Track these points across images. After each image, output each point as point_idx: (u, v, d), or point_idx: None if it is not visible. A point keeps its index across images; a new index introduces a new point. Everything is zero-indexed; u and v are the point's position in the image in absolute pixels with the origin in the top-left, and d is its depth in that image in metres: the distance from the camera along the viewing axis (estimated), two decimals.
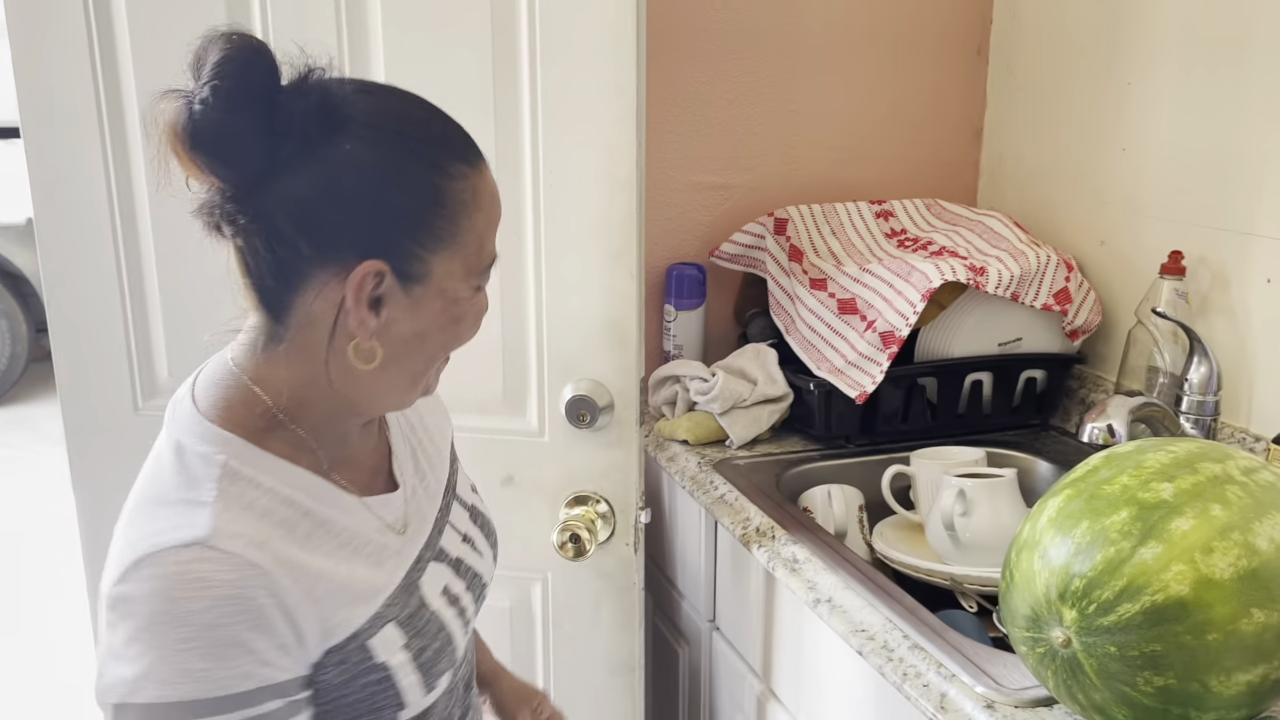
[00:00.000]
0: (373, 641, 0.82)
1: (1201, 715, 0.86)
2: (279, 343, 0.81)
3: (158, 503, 0.78)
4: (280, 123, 0.74)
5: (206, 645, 0.72)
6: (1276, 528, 0.87)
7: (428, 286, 0.80)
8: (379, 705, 0.84)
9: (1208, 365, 1.44)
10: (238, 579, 0.74)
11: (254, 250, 0.77)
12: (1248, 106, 1.48)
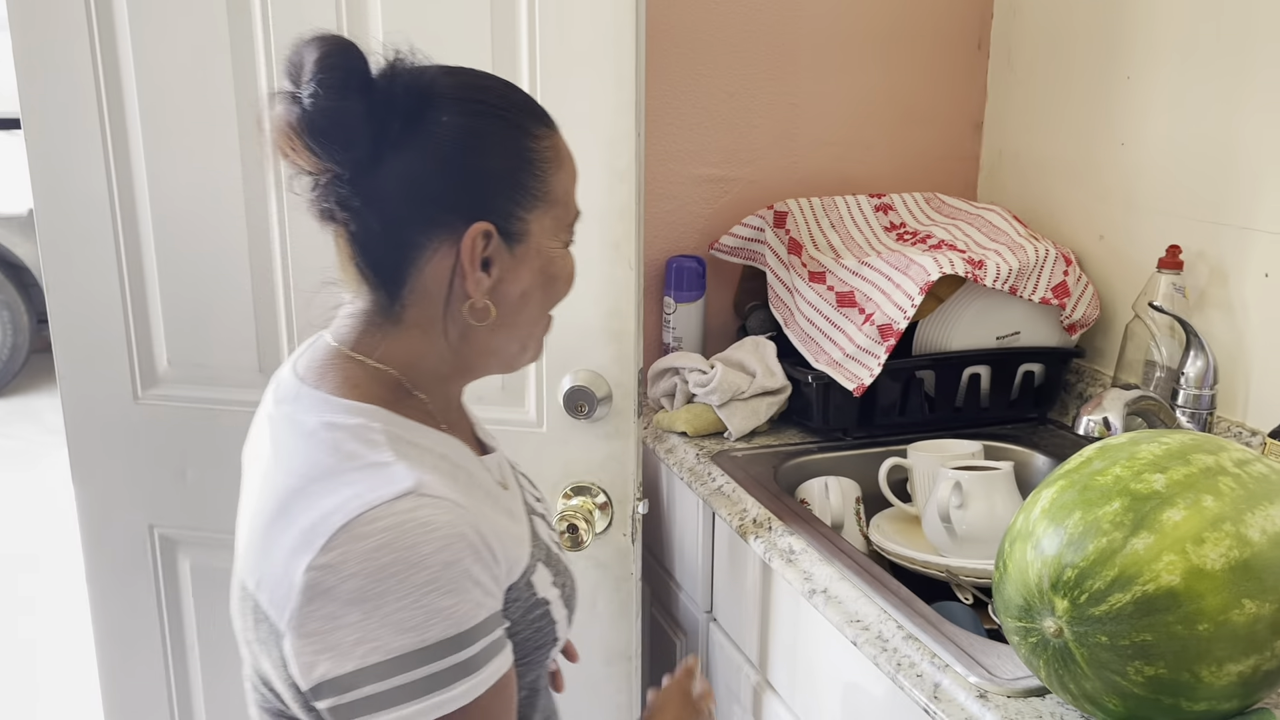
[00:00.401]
0: (534, 579, 0.88)
1: (1193, 705, 0.87)
2: (393, 320, 0.86)
3: (331, 477, 0.79)
4: (381, 105, 0.80)
5: (448, 583, 0.75)
6: (1269, 519, 0.87)
7: (528, 245, 0.86)
8: (541, 642, 0.90)
9: (1204, 359, 1.45)
10: (455, 519, 0.77)
11: (368, 231, 0.82)
12: (1247, 101, 1.48)
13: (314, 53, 0.79)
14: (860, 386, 1.61)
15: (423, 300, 0.85)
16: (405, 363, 0.86)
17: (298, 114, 0.78)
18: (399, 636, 0.74)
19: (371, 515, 0.75)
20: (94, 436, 1.55)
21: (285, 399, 0.87)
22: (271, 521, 0.80)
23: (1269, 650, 0.85)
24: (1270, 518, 0.87)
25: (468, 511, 0.79)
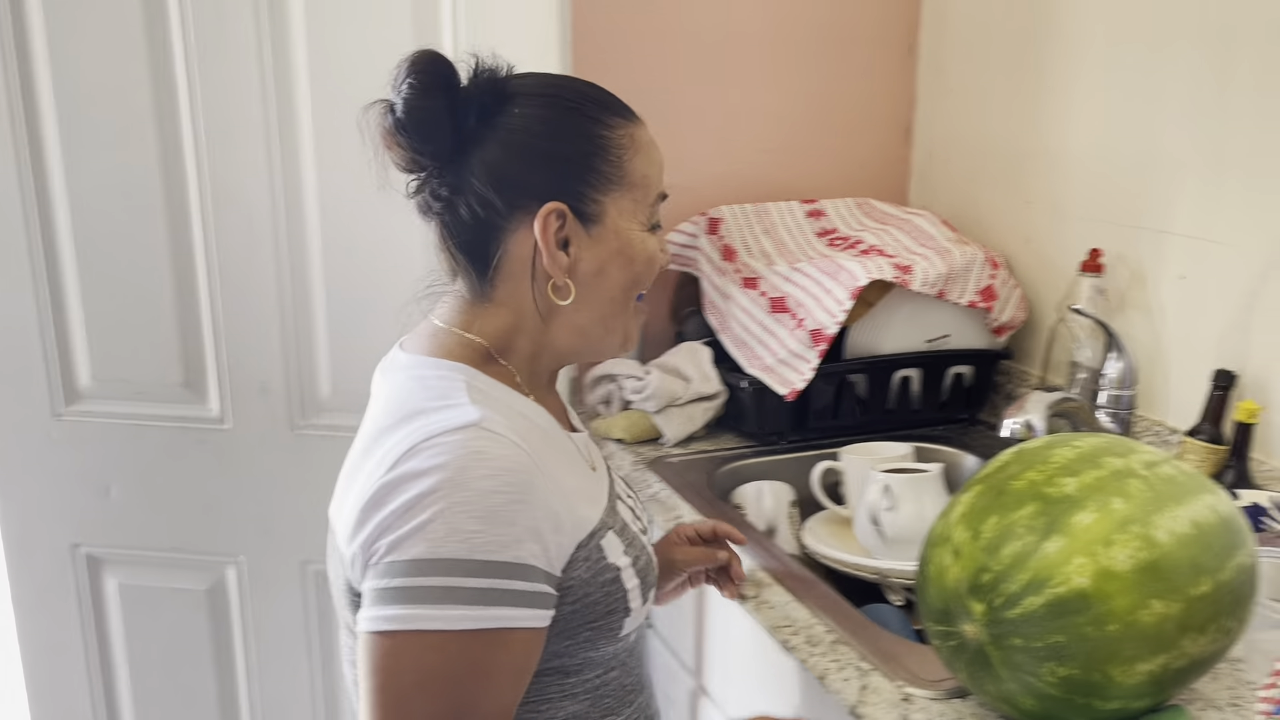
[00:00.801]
0: (604, 542, 0.91)
1: (1105, 705, 0.89)
2: (485, 299, 0.93)
3: (413, 415, 0.85)
4: (461, 103, 0.88)
5: (480, 510, 0.79)
6: (1175, 520, 0.89)
7: (604, 225, 0.91)
8: (612, 607, 0.91)
9: (1124, 360, 1.48)
10: (511, 455, 0.82)
11: (457, 219, 0.90)
12: (1162, 109, 1.52)
13: (408, 64, 0.88)
14: (793, 391, 1.62)
15: (510, 280, 0.91)
16: (495, 336, 0.92)
17: (391, 115, 0.88)
18: (418, 543, 0.78)
19: (434, 440, 0.81)
20: (14, 455, 1.52)
21: (388, 368, 0.95)
22: (360, 459, 0.88)
23: (1177, 649, 0.87)
24: (1177, 519, 0.89)
25: (527, 455, 0.83)
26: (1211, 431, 1.41)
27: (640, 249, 0.94)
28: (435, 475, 0.79)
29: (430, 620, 0.78)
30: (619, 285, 0.93)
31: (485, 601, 0.79)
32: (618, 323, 0.96)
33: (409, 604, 0.78)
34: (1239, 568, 0.91)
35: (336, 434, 1.47)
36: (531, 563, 0.81)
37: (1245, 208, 1.41)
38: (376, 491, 0.81)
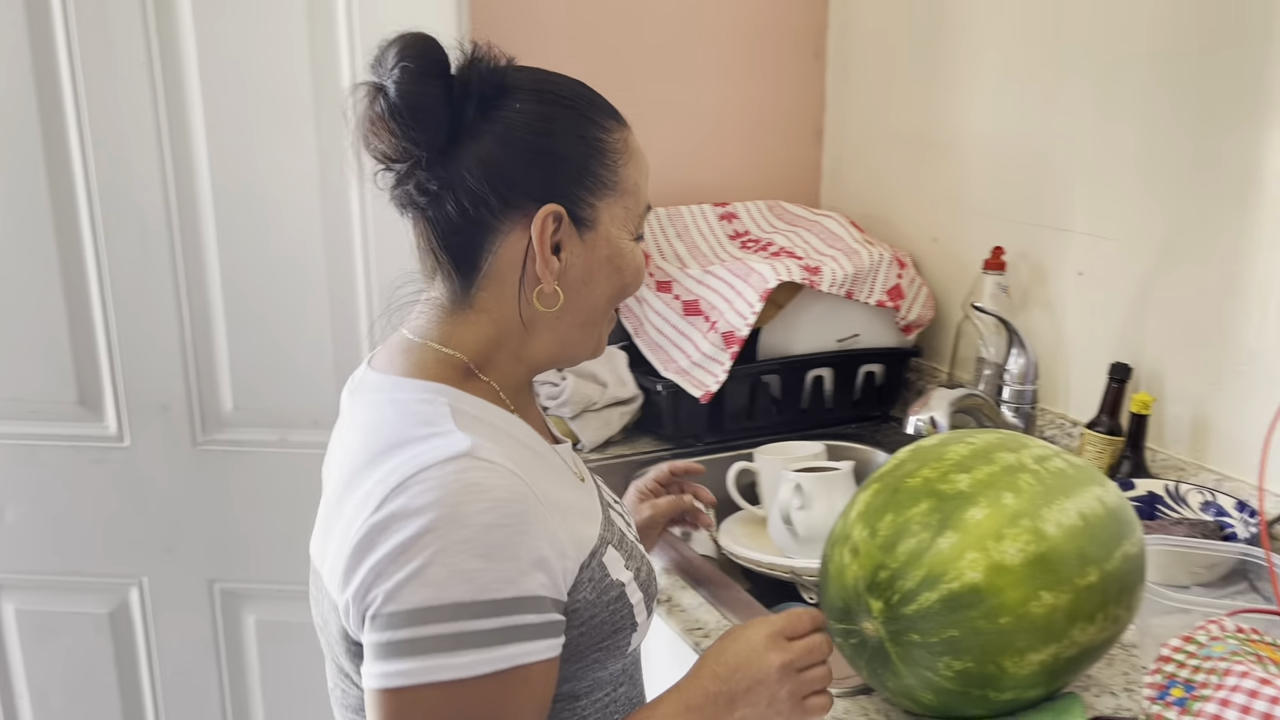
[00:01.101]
0: (606, 559, 0.87)
1: (1000, 695, 0.91)
2: (466, 306, 0.87)
3: (396, 446, 0.79)
4: (458, 92, 0.83)
5: (483, 546, 0.74)
6: (1064, 513, 0.91)
7: (597, 232, 0.87)
8: (619, 625, 0.87)
9: (1025, 356, 1.51)
10: (508, 484, 0.77)
11: (444, 215, 0.84)
12: (1058, 110, 1.56)
13: (397, 45, 0.82)
14: (707, 394, 1.63)
15: (495, 285, 0.86)
16: (475, 349, 0.87)
17: (382, 99, 0.81)
18: (419, 590, 0.73)
19: (423, 475, 0.76)
20: None
21: (358, 389, 0.89)
22: (340, 496, 0.81)
23: (1067, 638, 0.89)
24: (1065, 511, 0.91)
25: (523, 482, 0.78)
26: (1109, 423, 1.45)
27: (630, 259, 0.90)
28: (428, 514, 0.74)
29: (442, 670, 0.73)
30: (604, 295, 0.89)
31: (498, 641, 0.74)
32: (596, 332, 0.92)
33: (417, 656, 0.73)
34: (1125, 557, 0.93)
35: (241, 449, 1.44)
36: (540, 593, 0.77)
37: (1135, 206, 1.45)
38: (365, 534, 0.75)
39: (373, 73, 0.83)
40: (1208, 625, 0.85)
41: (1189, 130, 1.36)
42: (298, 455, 1.42)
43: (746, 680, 0.85)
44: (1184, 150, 1.37)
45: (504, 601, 0.74)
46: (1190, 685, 0.78)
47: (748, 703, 0.85)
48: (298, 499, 1.43)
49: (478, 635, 0.74)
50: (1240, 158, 1.30)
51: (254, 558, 1.47)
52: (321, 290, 1.35)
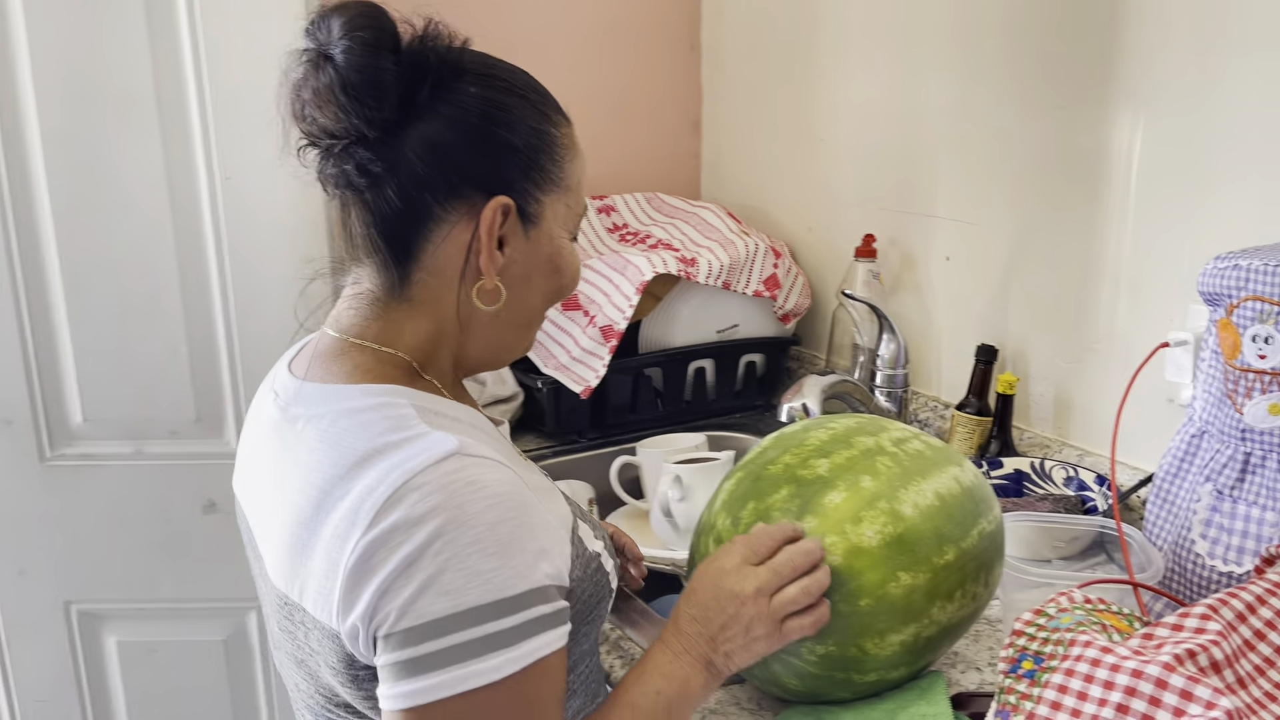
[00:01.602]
0: (580, 532, 0.85)
1: (863, 678, 0.91)
2: (401, 300, 0.82)
3: (370, 456, 0.74)
4: (410, 69, 0.78)
5: (493, 545, 0.71)
6: (921, 494, 0.92)
7: (540, 228, 0.83)
8: (600, 595, 0.87)
9: (895, 341, 1.54)
10: (502, 478, 0.74)
11: (384, 200, 0.79)
12: (922, 101, 1.59)
13: (344, 14, 0.76)
14: (587, 389, 1.61)
15: (434, 278, 0.81)
16: (413, 346, 0.83)
17: (331, 69, 0.75)
18: (436, 600, 0.70)
19: (417, 480, 0.72)
20: None
21: (291, 403, 0.82)
22: (310, 519, 0.75)
23: (927, 618, 0.90)
24: (922, 492, 0.92)
25: (513, 472, 0.76)
26: (978, 404, 1.48)
27: (569, 260, 0.86)
28: (433, 520, 0.70)
29: (474, 678, 0.70)
30: (542, 295, 0.86)
31: (521, 638, 0.72)
32: (530, 334, 0.89)
33: (443, 669, 0.70)
34: (982, 534, 0.94)
35: (93, 463, 1.36)
36: (546, 583, 0.75)
37: (996, 191, 1.49)
38: (364, 553, 0.71)
39: (310, 39, 0.77)
40: (1058, 598, 0.86)
41: (1042, 116, 1.40)
42: (155, 468, 1.35)
43: (720, 616, 0.84)
44: (1038, 136, 1.41)
45: (519, 597, 0.72)
46: (1039, 657, 0.80)
47: (727, 638, 0.84)
48: (158, 513, 1.37)
49: (501, 636, 0.71)
50: (1089, 141, 1.34)
51: (113, 576, 1.40)
52: (173, 291, 1.29)
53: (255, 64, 1.23)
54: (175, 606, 1.41)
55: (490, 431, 0.85)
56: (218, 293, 1.30)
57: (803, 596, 0.85)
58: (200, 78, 1.23)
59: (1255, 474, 1.00)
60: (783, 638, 0.85)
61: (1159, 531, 1.09)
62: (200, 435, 1.35)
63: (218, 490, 1.36)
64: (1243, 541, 1.00)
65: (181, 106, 1.24)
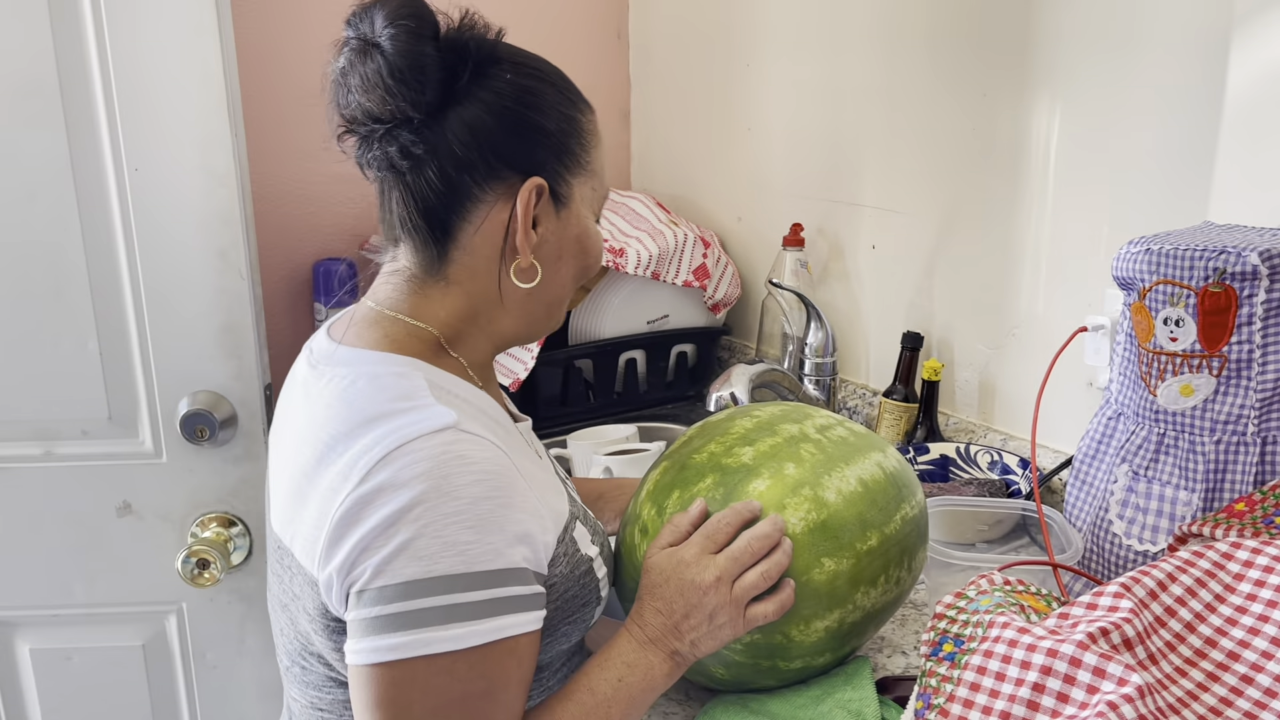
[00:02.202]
0: (576, 534, 0.87)
1: (789, 664, 0.91)
2: (437, 278, 0.86)
3: (375, 419, 0.78)
4: (451, 55, 0.82)
5: (472, 518, 0.74)
6: (844, 480, 0.92)
7: (570, 209, 0.87)
8: (587, 599, 0.88)
9: (823, 330, 1.54)
10: (492, 457, 0.77)
11: (426, 181, 0.83)
12: (847, 89, 1.60)
13: (388, 5, 0.81)
14: (516, 381, 1.60)
15: (470, 257, 0.85)
16: (445, 322, 0.87)
17: (379, 56, 0.80)
18: (409, 563, 0.73)
19: (410, 447, 0.75)
20: None
21: (321, 360, 0.86)
22: (312, 470, 0.79)
23: (851, 603, 0.90)
24: (845, 478, 0.92)
25: (505, 455, 0.78)
26: (904, 391, 1.49)
27: (595, 240, 0.91)
28: (417, 485, 0.73)
29: (437, 643, 0.73)
30: (570, 273, 0.90)
31: (487, 614, 0.75)
32: (559, 311, 0.93)
33: (411, 629, 0.73)
34: (905, 519, 0.95)
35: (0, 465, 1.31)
36: (524, 565, 0.77)
37: (919, 180, 1.50)
38: (350, 508, 0.74)
39: (353, 29, 0.83)
40: (978, 580, 0.87)
41: (965, 104, 1.41)
42: (67, 469, 1.31)
43: (683, 605, 0.86)
44: (961, 124, 1.42)
45: (492, 573, 0.75)
46: (960, 640, 0.80)
47: (691, 627, 0.85)
48: (70, 516, 1.33)
49: (468, 607, 0.74)
50: (1010, 129, 1.36)
51: (25, 582, 1.35)
52: (81, 285, 1.24)
53: (163, 52, 1.19)
54: (90, 612, 1.37)
55: (499, 418, 0.87)
56: (129, 287, 1.26)
57: (762, 581, 0.86)
58: (106, 66, 1.19)
59: (1168, 454, 1.02)
60: (747, 624, 0.86)
61: (1078, 513, 1.11)
62: (113, 435, 1.30)
63: (132, 491, 1.32)
64: (1157, 520, 1.02)
65: (86, 95, 1.20)
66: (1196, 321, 0.96)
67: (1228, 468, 0.98)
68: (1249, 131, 1.11)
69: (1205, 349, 0.97)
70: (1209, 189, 1.15)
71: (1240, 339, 0.95)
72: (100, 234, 1.24)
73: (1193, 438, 0.99)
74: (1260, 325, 0.94)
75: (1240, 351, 0.96)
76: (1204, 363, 0.97)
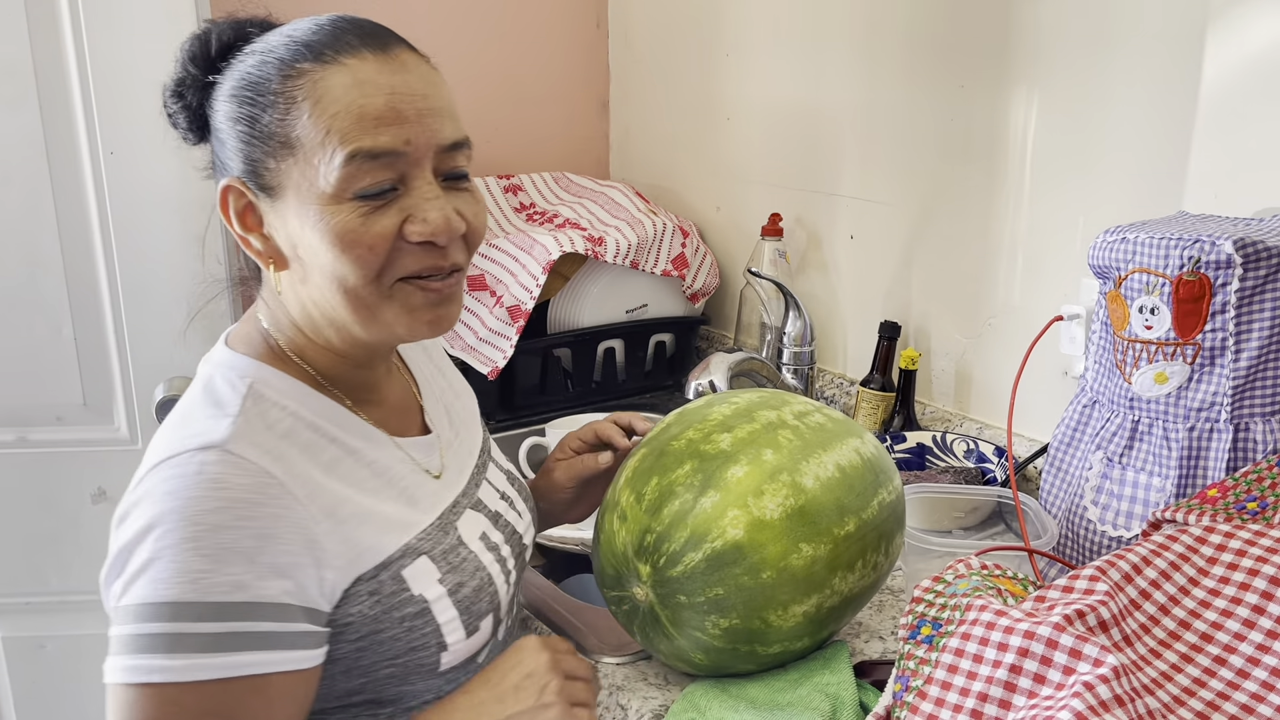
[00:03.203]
0: (407, 572, 0.80)
1: (767, 649, 0.92)
2: (261, 280, 0.84)
3: (182, 423, 0.77)
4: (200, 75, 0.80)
5: (210, 547, 0.70)
6: (821, 466, 0.93)
7: (288, 199, 0.77)
8: (418, 644, 0.81)
9: (802, 318, 1.55)
10: (253, 484, 0.72)
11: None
12: (826, 79, 1.60)
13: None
14: (494, 370, 1.59)
15: (250, 262, 0.84)
16: (280, 326, 0.83)
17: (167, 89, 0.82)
18: (143, 586, 0.70)
19: (173, 461, 0.73)
20: None
21: (206, 357, 0.85)
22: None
23: (828, 588, 0.91)
24: (823, 464, 0.93)
25: (277, 484, 0.73)
26: (881, 380, 1.50)
27: (331, 225, 0.75)
28: (161, 505, 0.70)
29: (156, 672, 0.68)
30: (335, 265, 0.76)
31: (223, 648, 0.69)
32: (372, 312, 0.78)
33: (138, 653, 0.69)
34: (882, 505, 0.96)
35: None
36: (285, 601, 0.72)
37: (898, 170, 1.51)
38: (116, 518, 0.73)
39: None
40: (956, 565, 0.88)
41: (943, 95, 1.42)
42: (41, 456, 1.30)
43: (516, 677, 0.81)
44: (940, 115, 1.43)
45: (233, 606, 0.70)
46: (937, 623, 0.81)
47: (518, 700, 0.80)
48: (44, 503, 1.32)
49: (196, 639, 0.69)
50: (987, 120, 1.37)
51: None
52: (56, 270, 1.23)
53: (140, 34, 1.17)
54: (64, 599, 1.35)
55: (340, 436, 0.81)
56: (104, 271, 1.24)
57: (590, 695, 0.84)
58: (81, 47, 1.18)
59: (1142, 441, 1.03)
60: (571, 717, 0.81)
61: (1053, 499, 1.13)
62: (88, 421, 1.29)
63: (107, 478, 1.31)
64: (1131, 506, 1.03)
65: (61, 77, 1.18)
66: (1171, 310, 0.97)
67: (1201, 454, 0.99)
68: (1223, 123, 1.12)
69: (1179, 337, 0.98)
70: (1184, 180, 1.17)
71: (1214, 327, 0.96)
72: (75, 218, 1.22)
73: (1167, 425, 1.01)
74: (1233, 313, 0.96)
75: (1214, 339, 0.97)
76: (1178, 350, 0.99)
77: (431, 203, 0.77)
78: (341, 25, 0.79)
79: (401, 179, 0.77)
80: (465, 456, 0.95)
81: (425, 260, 0.78)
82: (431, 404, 0.96)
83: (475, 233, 0.82)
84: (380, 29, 0.80)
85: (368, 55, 0.76)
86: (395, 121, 0.75)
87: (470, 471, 0.94)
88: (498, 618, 0.88)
